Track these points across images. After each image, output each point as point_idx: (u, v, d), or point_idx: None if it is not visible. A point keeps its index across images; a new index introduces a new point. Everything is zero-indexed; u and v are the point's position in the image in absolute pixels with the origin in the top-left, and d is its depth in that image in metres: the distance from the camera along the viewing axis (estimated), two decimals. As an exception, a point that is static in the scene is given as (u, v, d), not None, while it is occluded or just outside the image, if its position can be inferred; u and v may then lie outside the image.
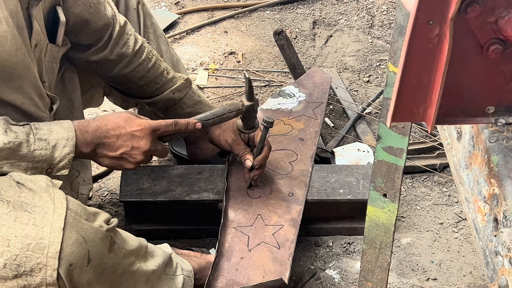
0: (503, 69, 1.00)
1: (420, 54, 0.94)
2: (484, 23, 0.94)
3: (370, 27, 3.22)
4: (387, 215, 1.31)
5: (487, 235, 1.15)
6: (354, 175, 2.17)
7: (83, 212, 1.49)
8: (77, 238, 1.45)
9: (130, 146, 1.70)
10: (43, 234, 1.42)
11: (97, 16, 1.85)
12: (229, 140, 1.99)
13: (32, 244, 1.42)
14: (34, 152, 1.56)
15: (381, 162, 1.25)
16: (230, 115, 1.86)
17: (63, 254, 1.43)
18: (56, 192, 1.49)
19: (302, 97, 2.42)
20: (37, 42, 1.62)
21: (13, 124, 1.56)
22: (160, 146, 1.77)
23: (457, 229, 2.24)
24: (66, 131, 1.62)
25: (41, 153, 1.57)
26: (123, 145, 1.70)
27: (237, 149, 1.99)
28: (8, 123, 1.55)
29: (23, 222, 1.43)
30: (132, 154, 1.71)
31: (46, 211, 1.45)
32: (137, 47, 1.94)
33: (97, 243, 1.49)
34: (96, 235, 1.49)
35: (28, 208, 1.45)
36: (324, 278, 2.07)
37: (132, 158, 1.72)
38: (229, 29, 3.20)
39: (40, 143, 1.57)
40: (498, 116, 1.04)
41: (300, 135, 2.26)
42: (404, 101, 0.98)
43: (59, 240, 1.43)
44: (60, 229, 1.43)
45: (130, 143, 1.70)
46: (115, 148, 1.69)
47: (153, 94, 2.01)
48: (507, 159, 1.15)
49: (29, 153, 1.55)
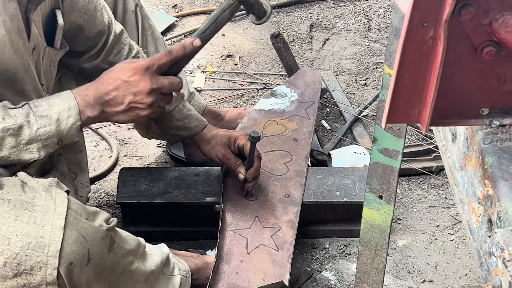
0: (497, 71, 1.01)
1: (415, 56, 0.95)
2: (478, 26, 0.95)
3: (367, 30, 3.23)
4: (383, 217, 1.32)
5: (481, 236, 1.16)
6: (350, 177, 2.17)
7: (83, 211, 1.50)
8: (78, 237, 1.45)
9: (132, 93, 1.61)
10: (44, 233, 1.43)
11: (91, 23, 1.85)
12: (219, 155, 2.00)
13: (33, 243, 1.42)
14: (38, 131, 1.53)
15: (377, 164, 1.25)
16: (225, 14, 1.69)
17: (63, 253, 1.43)
18: (58, 192, 1.49)
19: (294, 97, 2.42)
20: (35, 46, 1.63)
21: (11, 108, 1.53)
22: (165, 80, 1.64)
23: (453, 231, 2.24)
24: (66, 101, 1.58)
25: (46, 129, 1.54)
26: (125, 95, 1.61)
27: (228, 163, 2.00)
28: (6, 108, 1.52)
29: (23, 221, 1.44)
30: (138, 100, 1.62)
31: (47, 210, 1.45)
32: (131, 57, 1.93)
33: (97, 242, 1.49)
34: (96, 234, 1.49)
35: (29, 206, 1.45)
36: (321, 280, 2.07)
37: (141, 103, 1.62)
38: (226, 31, 3.21)
39: (42, 120, 1.54)
40: (492, 118, 1.05)
41: (293, 136, 2.26)
42: (398, 102, 0.99)
43: (60, 239, 1.43)
44: (60, 228, 1.44)
45: (130, 90, 1.61)
46: (119, 101, 1.62)
47: None
48: (501, 161, 1.16)
49: (32, 133, 1.53)
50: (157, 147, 2.56)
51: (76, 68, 1.94)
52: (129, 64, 1.64)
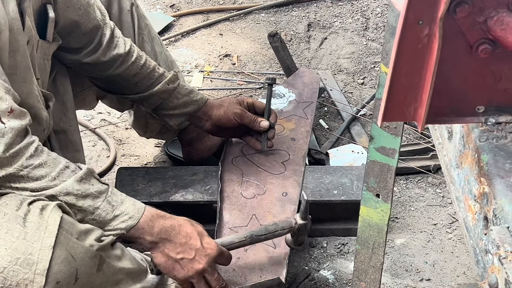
0: (493, 69, 1.01)
1: (410, 54, 0.95)
2: (473, 23, 0.95)
3: (364, 29, 3.24)
4: (380, 215, 1.32)
5: (477, 233, 1.16)
6: (348, 176, 2.18)
7: (74, 230, 1.49)
8: (66, 256, 1.45)
9: (192, 255, 1.65)
10: (33, 250, 1.42)
11: (86, 18, 1.86)
12: (237, 112, 2.08)
13: (21, 259, 1.42)
14: (96, 210, 1.56)
15: (374, 163, 1.26)
16: (283, 232, 1.83)
17: (50, 272, 1.43)
18: (53, 210, 1.48)
19: (292, 97, 2.43)
20: (29, 38, 1.63)
21: (97, 179, 1.58)
22: (216, 275, 1.70)
23: (451, 229, 2.25)
24: (135, 210, 1.60)
25: (102, 214, 1.56)
26: (186, 251, 1.65)
27: (247, 116, 2.09)
28: (92, 175, 1.57)
29: (14, 235, 1.43)
30: (189, 265, 1.65)
31: (38, 226, 1.45)
32: (128, 47, 1.96)
33: (86, 262, 1.49)
34: (86, 254, 1.49)
35: (21, 221, 1.44)
36: (319, 279, 2.07)
37: (187, 268, 1.65)
38: (224, 31, 3.21)
39: (107, 205, 1.57)
40: (488, 115, 1.05)
41: (291, 135, 2.27)
42: (394, 100, 0.99)
43: (48, 258, 1.42)
44: (50, 247, 1.43)
45: (194, 254, 1.65)
46: (178, 250, 1.65)
47: (147, 89, 2.02)
48: (496, 158, 1.16)
49: (90, 207, 1.55)
50: (155, 146, 2.56)
51: (76, 64, 1.95)
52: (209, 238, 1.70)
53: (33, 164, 1.49)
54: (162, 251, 1.65)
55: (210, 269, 1.67)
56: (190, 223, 1.69)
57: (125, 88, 2.02)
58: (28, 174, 1.49)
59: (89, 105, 2.26)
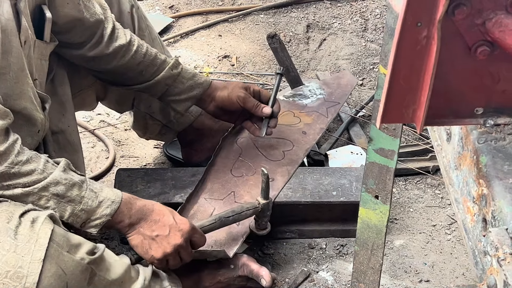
0: (491, 70, 1.01)
1: (409, 55, 0.95)
2: (472, 25, 0.95)
3: (363, 30, 3.24)
4: (379, 216, 1.32)
5: (476, 235, 1.16)
6: (347, 177, 2.18)
7: (65, 243, 1.49)
8: (57, 270, 1.45)
9: (167, 231, 1.69)
10: (23, 263, 1.42)
11: (87, 12, 1.86)
12: (241, 95, 2.06)
13: (11, 272, 1.41)
14: (83, 199, 1.59)
15: (373, 164, 1.26)
16: (248, 212, 1.89)
17: (40, 286, 1.43)
18: (44, 222, 1.48)
19: (322, 95, 2.43)
20: (25, 39, 1.63)
21: (72, 170, 1.61)
22: (190, 249, 1.75)
23: (450, 231, 2.25)
24: (114, 194, 1.65)
25: (88, 202, 1.60)
26: (161, 228, 1.69)
27: (251, 101, 2.07)
28: (69, 167, 1.60)
29: (4, 248, 1.43)
30: (164, 241, 1.69)
31: (29, 239, 1.45)
32: (129, 37, 1.97)
33: (77, 276, 1.49)
34: (77, 268, 1.49)
35: (12, 234, 1.44)
36: (318, 280, 2.07)
37: (163, 245, 1.69)
38: (223, 32, 3.21)
39: (91, 193, 1.60)
40: (487, 117, 1.05)
41: (304, 129, 2.26)
42: (393, 102, 0.99)
43: (38, 271, 1.43)
44: (40, 260, 1.43)
45: (168, 230, 1.69)
46: (153, 228, 1.69)
47: (152, 76, 2.02)
48: (495, 160, 1.16)
49: (78, 197, 1.58)
50: (154, 148, 2.56)
51: (80, 59, 1.96)
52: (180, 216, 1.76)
53: (22, 160, 1.52)
54: (138, 231, 1.69)
55: (186, 244, 1.72)
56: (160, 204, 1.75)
57: (131, 78, 2.03)
58: (19, 171, 1.51)
59: (89, 106, 2.25)
